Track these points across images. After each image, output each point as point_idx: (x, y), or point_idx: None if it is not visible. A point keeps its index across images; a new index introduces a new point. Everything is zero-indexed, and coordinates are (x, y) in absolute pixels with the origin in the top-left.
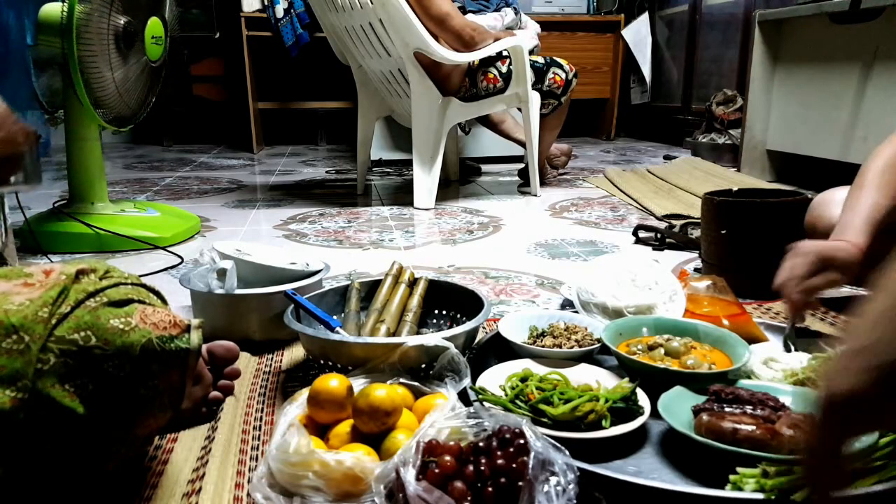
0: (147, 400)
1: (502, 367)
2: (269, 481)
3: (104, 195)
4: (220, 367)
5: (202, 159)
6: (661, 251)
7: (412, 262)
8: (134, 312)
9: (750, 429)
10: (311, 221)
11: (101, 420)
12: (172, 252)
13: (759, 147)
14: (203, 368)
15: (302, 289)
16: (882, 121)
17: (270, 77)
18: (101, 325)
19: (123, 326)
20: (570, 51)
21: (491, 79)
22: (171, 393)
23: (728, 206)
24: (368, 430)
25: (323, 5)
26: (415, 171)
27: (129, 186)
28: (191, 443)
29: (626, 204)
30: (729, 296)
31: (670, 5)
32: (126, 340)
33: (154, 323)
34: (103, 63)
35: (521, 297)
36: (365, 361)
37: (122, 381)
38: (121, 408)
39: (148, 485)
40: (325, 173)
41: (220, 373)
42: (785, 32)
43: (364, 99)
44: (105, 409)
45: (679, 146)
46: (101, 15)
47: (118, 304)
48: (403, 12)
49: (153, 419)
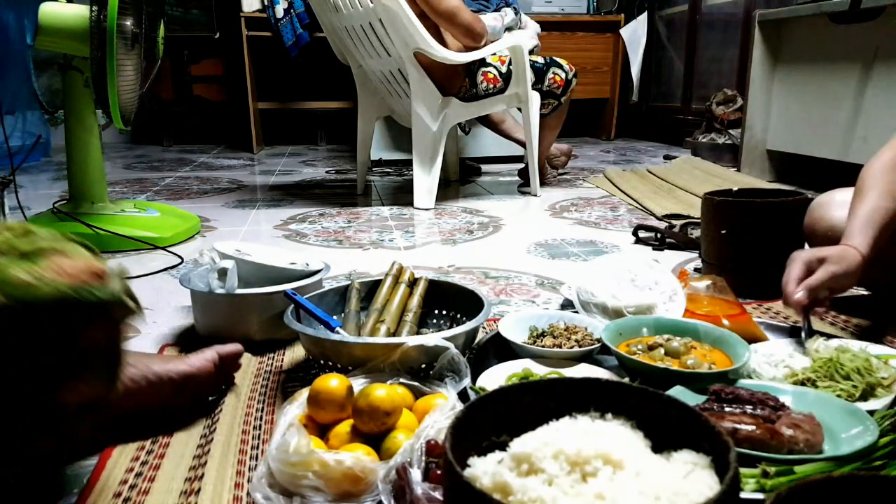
0: (68, 361)
1: (502, 367)
2: (269, 481)
3: (104, 195)
4: (227, 368)
5: (202, 159)
6: (661, 251)
7: (412, 262)
8: (44, 262)
9: (750, 429)
10: (311, 221)
11: (13, 387)
12: (172, 252)
13: (759, 147)
14: (207, 366)
15: (302, 289)
16: (882, 121)
17: (270, 77)
18: (2, 278)
19: (31, 279)
20: (570, 51)
21: (491, 79)
22: (100, 354)
23: (728, 206)
24: (368, 430)
25: (323, 5)
26: (415, 171)
27: (129, 186)
28: (187, 439)
29: (626, 204)
30: (729, 296)
31: (670, 5)
32: (32, 293)
33: (70, 273)
34: (129, 66)
35: (521, 297)
36: (365, 361)
37: (33, 340)
38: (36, 371)
39: (144, 480)
40: (325, 173)
41: (224, 373)
42: (785, 32)
43: (364, 99)
44: (16, 373)
45: (679, 146)
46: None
47: (27, 255)
48: (403, 12)
49: (83, 386)
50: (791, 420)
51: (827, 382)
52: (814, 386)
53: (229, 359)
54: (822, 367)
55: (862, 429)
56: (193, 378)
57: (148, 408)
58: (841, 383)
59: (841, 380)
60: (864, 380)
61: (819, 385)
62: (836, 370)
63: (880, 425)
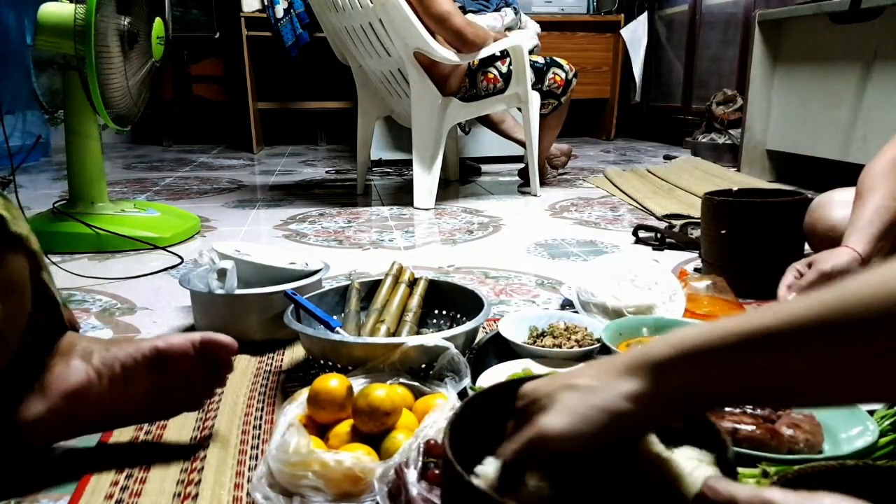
0: None
1: (502, 367)
2: (269, 481)
3: (104, 195)
4: (215, 363)
5: (202, 159)
6: (661, 251)
7: (412, 262)
8: None
9: (750, 429)
10: (311, 221)
11: None
12: (172, 252)
13: (758, 147)
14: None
15: (302, 289)
16: (882, 121)
17: (270, 77)
18: None
19: None
20: (570, 51)
21: (491, 79)
22: None
23: (728, 206)
24: (368, 430)
25: (323, 5)
26: (415, 171)
27: (129, 186)
28: (185, 439)
29: (627, 204)
30: (729, 296)
31: (670, 5)
32: None
33: None
34: (115, 64)
35: (521, 297)
36: (365, 361)
37: None
38: None
39: (136, 482)
40: (325, 173)
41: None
42: (785, 32)
43: (364, 99)
44: None
45: (679, 146)
46: (111, 17)
47: None
48: (403, 12)
49: None
50: (791, 420)
51: None
52: None
53: (216, 347)
54: None
55: (862, 429)
56: (167, 354)
57: (130, 392)
58: None
59: None
60: None
61: None
62: None
63: (880, 425)
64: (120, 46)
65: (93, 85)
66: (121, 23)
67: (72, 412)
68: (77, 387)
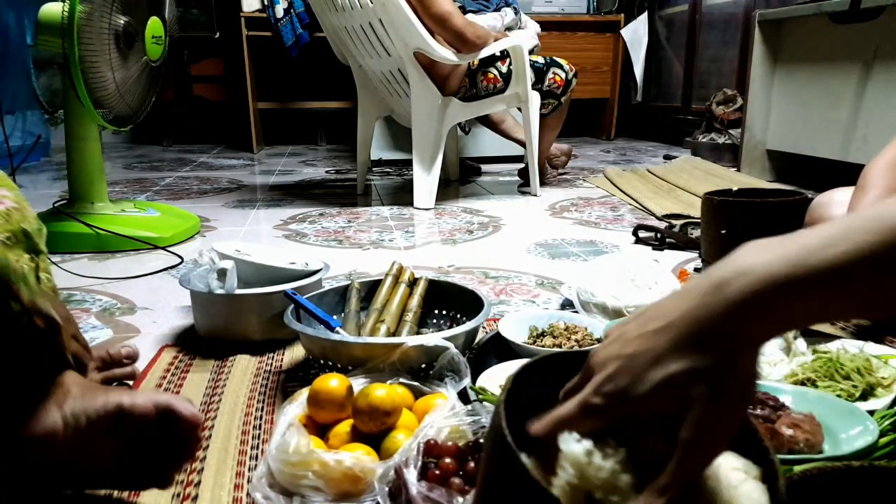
0: None
1: (502, 367)
2: (269, 481)
3: (104, 195)
4: (178, 432)
5: (202, 159)
6: (661, 251)
7: (412, 262)
8: None
9: None
10: (311, 221)
11: None
12: (172, 252)
13: (759, 147)
14: (146, 407)
15: (302, 289)
16: (882, 121)
17: (270, 77)
18: None
19: None
20: (570, 51)
21: (491, 79)
22: None
23: (728, 206)
24: (368, 430)
25: (323, 5)
26: (415, 171)
27: (129, 186)
28: None
29: (626, 204)
30: None
31: (670, 5)
32: None
33: None
34: (104, 63)
35: (521, 297)
36: (365, 361)
37: None
38: None
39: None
40: (325, 173)
41: (175, 435)
42: (785, 32)
43: (364, 99)
44: None
45: (679, 146)
46: (102, 15)
47: None
48: (403, 12)
49: None
50: (791, 420)
51: (827, 382)
52: (814, 386)
53: (177, 418)
54: (822, 367)
55: (862, 429)
56: (130, 413)
57: (94, 449)
58: (841, 383)
59: (841, 380)
60: (864, 380)
61: (819, 385)
62: (836, 370)
63: (880, 425)
64: (115, 46)
65: (78, 83)
66: (116, 22)
67: (38, 456)
68: (41, 433)
